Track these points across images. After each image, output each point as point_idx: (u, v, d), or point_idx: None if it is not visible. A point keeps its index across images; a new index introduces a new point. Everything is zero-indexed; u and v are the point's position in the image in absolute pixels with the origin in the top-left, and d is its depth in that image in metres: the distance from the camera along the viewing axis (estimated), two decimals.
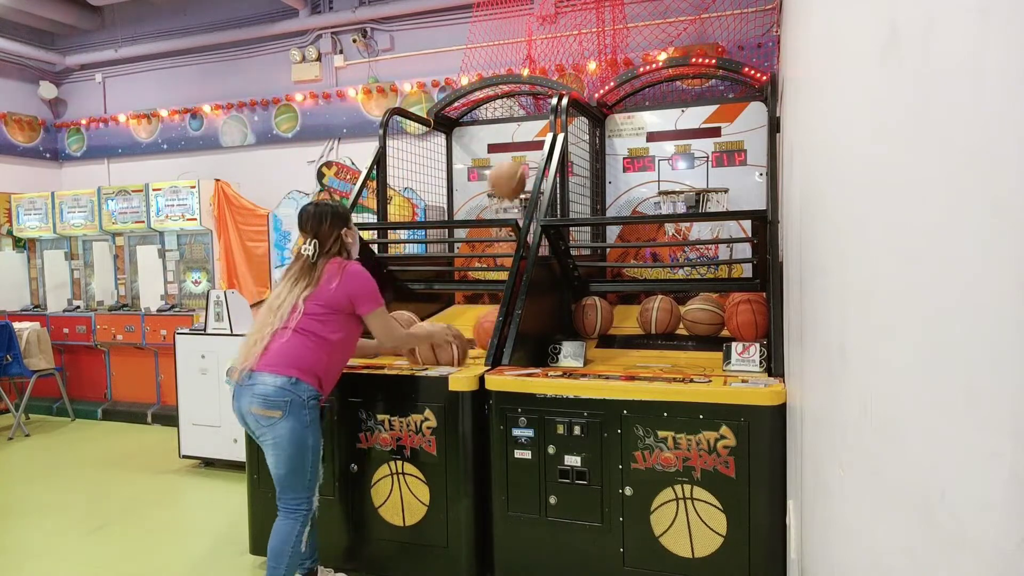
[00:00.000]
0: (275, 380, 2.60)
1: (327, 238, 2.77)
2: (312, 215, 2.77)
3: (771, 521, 2.51)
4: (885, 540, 0.86)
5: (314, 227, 2.76)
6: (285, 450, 2.61)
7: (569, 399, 2.77)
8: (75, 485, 4.71)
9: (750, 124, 4.27)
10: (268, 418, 2.60)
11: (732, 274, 4.18)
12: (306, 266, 2.74)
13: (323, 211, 2.78)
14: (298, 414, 2.61)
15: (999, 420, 0.53)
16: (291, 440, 2.61)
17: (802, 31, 1.97)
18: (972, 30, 0.58)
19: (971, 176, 0.58)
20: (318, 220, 2.76)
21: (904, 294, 0.78)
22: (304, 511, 2.69)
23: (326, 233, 2.76)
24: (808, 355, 1.75)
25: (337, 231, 2.78)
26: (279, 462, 2.64)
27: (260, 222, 6.37)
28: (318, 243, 2.76)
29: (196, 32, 7.14)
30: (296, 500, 2.68)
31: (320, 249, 2.76)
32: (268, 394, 2.59)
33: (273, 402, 2.59)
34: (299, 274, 2.74)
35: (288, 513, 2.69)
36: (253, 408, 2.62)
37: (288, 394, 2.60)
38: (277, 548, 2.66)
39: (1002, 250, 0.53)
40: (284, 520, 2.69)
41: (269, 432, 2.62)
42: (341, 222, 2.80)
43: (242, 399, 2.66)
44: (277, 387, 2.60)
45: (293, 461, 2.63)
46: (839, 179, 1.21)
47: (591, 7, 5.37)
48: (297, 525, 2.67)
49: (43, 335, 6.37)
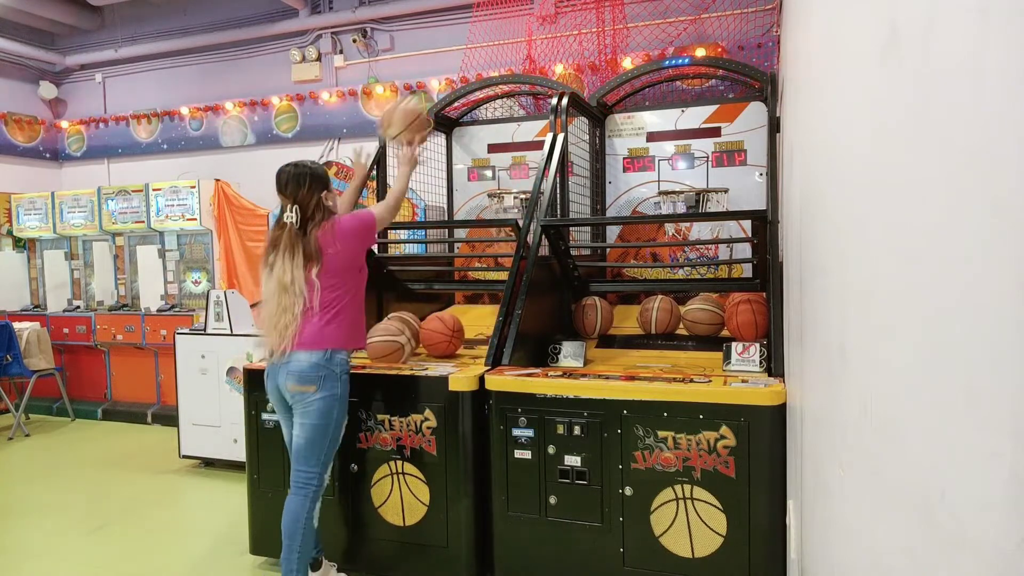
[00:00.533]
0: (310, 357, 2.72)
1: (308, 203, 2.71)
2: (292, 176, 2.72)
3: (771, 521, 2.50)
4: (885, 540, 0.86)
5: (293, 191, 2.71)
6: (312, 420, 2.73)
7: (569, 399, 2.77)
8: (75, 485, 4.71)
9: (750, 124, 4.27)
10: (303, 393, 2.72)
11: (732, 274, 4.18)
12: (293, 235, 2.70)
13: (301, 173, 2.72)
14: (331, 387, 2.74)
15: (999, 420, 0.53)
16: (320, 411, 2.73)
17: (802, 31, 1.97)
18: (972, 30, 0.58)
19: (971, 176, 0.58)
20: (297, 183, 2.70)
21: (904, 294, 0.77)
22: (315, 486, 2.77)
23: (306, 197, 2.70)
24: (808, 355, 1.74)
25: (317, 195, 2.73)
26: (303, 431, 2.75)
27: (260, 222, 6.37)
28: (300, 209, 2.71)
29: (196, 32, 7.14)
30: (308, 474, 2.76)
31: (303, 215, 2.71)
32: (303, 370, 2.71)
33: (308, 377, 2.71)
34: (289, 244, 2.69)
35: (299, 488, 2.77)
36: (289, 385, 2.74)
37: (323, 369, 2.72)
38: (290, 526, 2.75)
39: (1002, 250, 0.53)
40: (294, 497, 2.78)
41: (301, 404, 2.74)
42: (321, 185, 2.74)
43: (279, 377, 2.77)
44: (312, 363, 2.71)
45: (316, 431, 2.73)
46: (839, 179, 1.21)
47: (591, 7, 5.37)
48: (307, 502, 2.75)
49: (43, 335, 6.37)
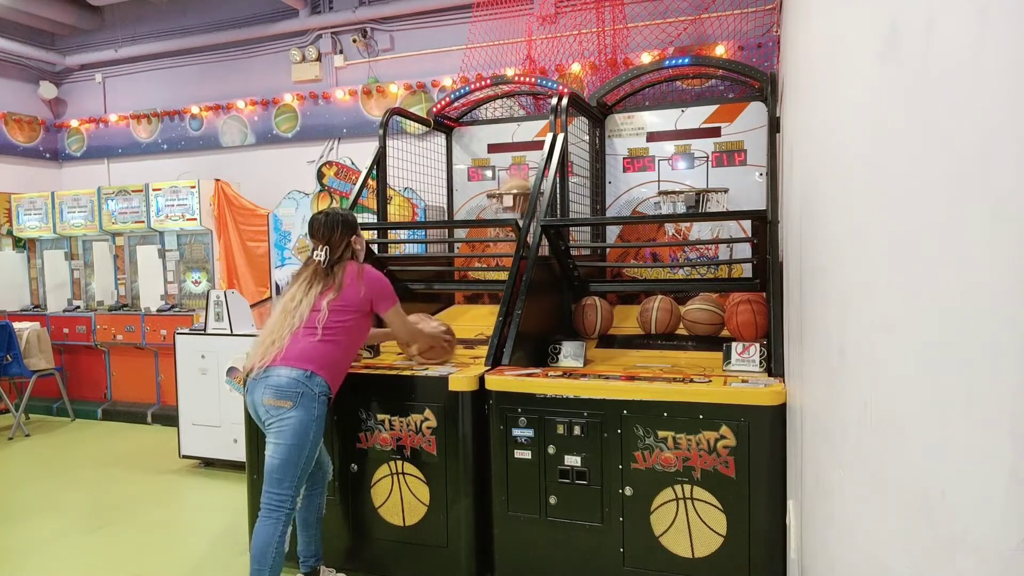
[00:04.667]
0: (290, 373, 2.71)
1: (338, 245, 2.93)
2: (324, 224, 2.93)
3: (771, 521, 2.50)
4: (885, 540, 0.85)
5: (326, 235, 2.92)
6: (286, 440, 2.69)
7: (569, 399, 2.77)
8: (75, 485, 4.71)
9: (750, 124, 4.27)
10: (278, 408, 2.70)
11: (732, 274, 4.18)
12: (319, 270, 2.89)
13: (334, 220, 2.94)
14: (308, 407, 2.71)
15: (999, 420, 0.53)
16: (295, 431, 2.69)
17: (802, 31, 1.97)
18: (972, 30, 0.58)
19: (971, 176, 0.58)
20: (330, 229, 2.93)
21: (904, 294, 0.77)
22: (287, 510, 2.71)
23: (337, 241, 2.93)
24: (808, 355, 1.74)
25: (347, 239, 2.95)
26: (276, 451, 2.70)
27: (260, 222, 6.37)
28: (329, 249, 2.91)
29: (196, 32, 7.14)
30: (280, 497, 2.70)
31: (331, 255, 2.91)
32: (281, 385, 2.70)
33: (285, 393, 2.70)
34: (312, 277, 2.88)
35: (270, 511, 2.70)
36: (266, 399, 2.73)
37: (301, 386, 2.70)
38: (260, 550, 2.67)
39: (1002, 250, 0.53)
40: (265, 520, 2.70)
41: (276, 422, 2.72)
42: (350, 230, 2.97)
43: (255, 392, 2.77)
44: (291, 379, 2.71)
45: (290, 452, 2.69)
46: (839, 179, 1.21)
47: (591, 7, 5.37)
48: (279, 525, 2.69)
49: (43, 335, 6.37)
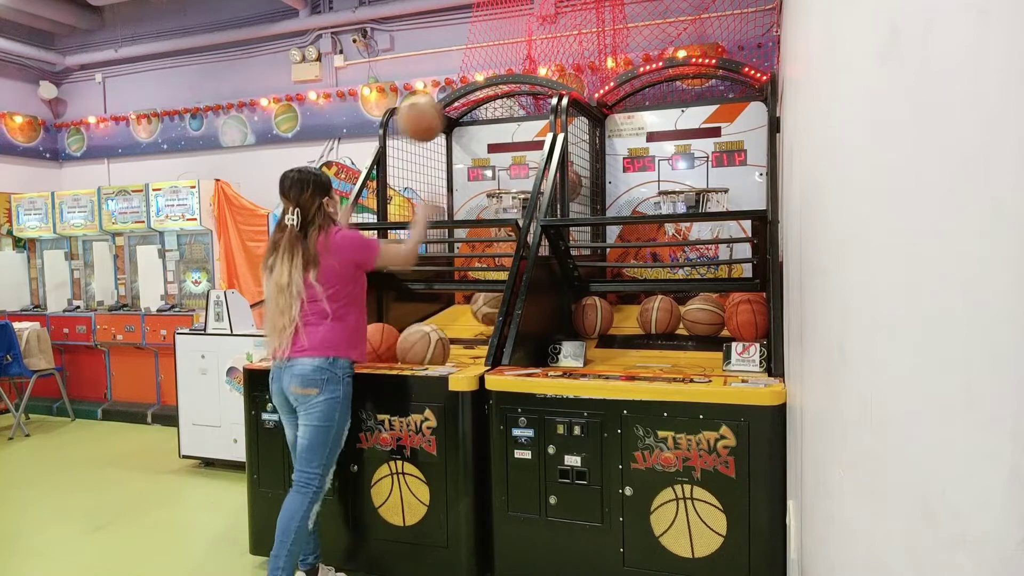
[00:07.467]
0: (314, 361, 2.77)
1: (309, 207, 2.79)
2: (294, 181, 2.79)
3: (771, 521, 2.50)
4: (885, 540, 0.85)
5: (296, 195, 2.78)
6: (315, 421, 2.77)
7: (569, 399, 2.77)
8: (75, 485, 4.70)
9: (750, 124, 4.27)
10: (306, 396, 2.77)
11: (732, 274, 4.18)
12: (293, 237, 2.77)
13: (305, 178, 2.80)
14: (334, 390, 2.78)
15: (999, 420, 0.53)
16: (323, 413, 2.77)
17: (802, 31, 1.96)
18: (972, 30, 0.58)
19: (971, 176, 0.58)
20: (299, 188, 2.78)
21: (904, 294, 0.77)
22: (315, 487, 2.80)
23: (307, 201, 2.79)
24: (808, 355, 1.74)
25: (319, 200, 2.81)
26: (305, 432, 2.79)
27: (260, 222, 6.37)
28: (300, 212, 2.78)
29: (196, 32, 7.13)
30: (309, 475, 2.79)
31: (303, 218, 2.78)
32: (306, 374, 2.76)
33: (311, 380, 2.76)
34: (288, 246, 2.77)
35: (300, 487, 2.80)
36: (293, 387, 2.79)
37: (326, 372, 2.77)
38: (285, 523, 2.77)
39: (1002, 250, 0.53)
40: (294, 495, 2.80)
41: (304, 406, 2.79)
42: (322, 191, 2.83)
43: (283, 380, 2.82)
44: (316, 367, 2.76)
45: (319, 432, 2.78)
46: (839, 179, 1.21)
47: (591, 7, 5.36)
48: (307, 501, 2.78)
49: (43, 335, 6.37)
